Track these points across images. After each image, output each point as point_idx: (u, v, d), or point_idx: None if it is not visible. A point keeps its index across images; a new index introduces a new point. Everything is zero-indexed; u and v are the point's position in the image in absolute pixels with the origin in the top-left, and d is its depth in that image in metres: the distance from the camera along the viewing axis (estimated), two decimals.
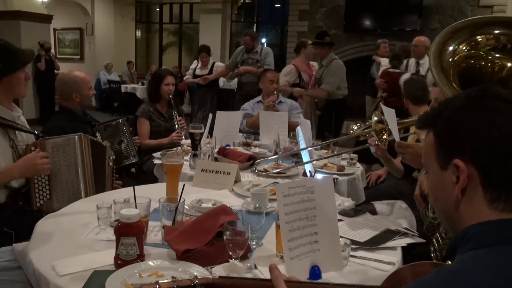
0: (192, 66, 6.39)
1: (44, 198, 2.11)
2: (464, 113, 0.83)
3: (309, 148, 2.53)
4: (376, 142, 2.13)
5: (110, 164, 2.41)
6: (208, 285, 0.95)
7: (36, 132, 2.23)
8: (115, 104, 10.91)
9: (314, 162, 2.64)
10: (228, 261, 1.26)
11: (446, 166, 0.85)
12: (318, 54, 5.12)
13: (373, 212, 2.02)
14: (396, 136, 1.98)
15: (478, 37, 1.51)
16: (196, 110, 6.28)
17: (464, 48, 1.51)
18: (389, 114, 2.00)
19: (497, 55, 1.50)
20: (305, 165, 2.41)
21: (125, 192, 1.79)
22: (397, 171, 2.66)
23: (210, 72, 6.10)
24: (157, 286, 0.90)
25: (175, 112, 3.51)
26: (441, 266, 0.88)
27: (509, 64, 1.49)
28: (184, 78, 6.78)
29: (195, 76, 6.18)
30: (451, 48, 1.51)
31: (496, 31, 1.50)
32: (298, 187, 1.26)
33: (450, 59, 1.50)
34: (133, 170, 3.22)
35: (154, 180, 2.79)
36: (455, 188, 0.83)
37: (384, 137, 2.06)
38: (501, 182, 0.79)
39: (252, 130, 3.75)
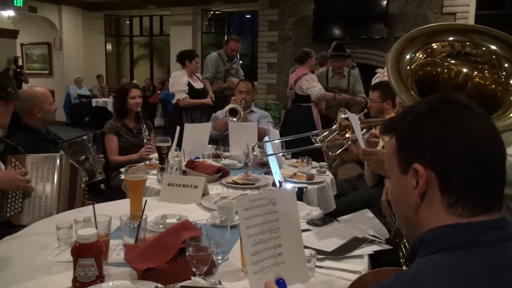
0: (183, 81, 4.70)
1: (15, 210, 2.07)
2: (425, 119, 0.84)
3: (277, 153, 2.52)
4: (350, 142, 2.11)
5: (82, 186, 2.38)
6: None
7: None
8: (86, 118, 10.75)
9: (283, 171, 2.63)
10: (190, 279, 1.23)
11: (406, 171, 0.85)
12: (336, 66, 5.06)
13: None
14: (361, 142, 1.98)
15: (433, 44, 1.53)
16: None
17: (420, 55, 1.53)
18: (353, 120, 2.00)
19: (453, 61, 1.53)
20: (274, 175, 2.40)
21: (87, 211, 1.74)
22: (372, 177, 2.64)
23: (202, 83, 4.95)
24: None
25: (144, 126, 3.47)
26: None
27: (464, 70, 1.52)
28: (178, 98, 4.68)
29: (194, 91, 4.72)
30: (408, 56, 1.53)
31: (451, 38, 1.53)
32: (260, 200, 1.23)
33: (408, 67, 1.52)
34: (102, 186, 3.16)
35: (123, 196, 2.73)
36: (415, 193, 0.83)
37: (347, 135, 2.05)
38: (459, 187, 0.79)
39: (217, 132, 3.73)
